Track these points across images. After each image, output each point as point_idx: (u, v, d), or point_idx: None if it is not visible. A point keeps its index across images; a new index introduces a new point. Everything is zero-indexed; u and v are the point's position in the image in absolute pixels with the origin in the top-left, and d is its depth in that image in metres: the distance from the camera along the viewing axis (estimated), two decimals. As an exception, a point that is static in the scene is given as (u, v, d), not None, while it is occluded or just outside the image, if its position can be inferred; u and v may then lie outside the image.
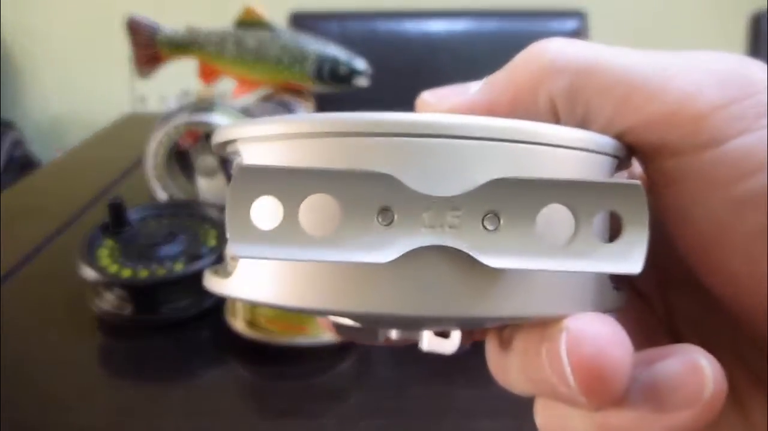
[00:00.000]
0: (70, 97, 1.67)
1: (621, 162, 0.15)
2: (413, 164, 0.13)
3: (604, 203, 0.13)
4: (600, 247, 0.13)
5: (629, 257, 0.13)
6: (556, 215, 0.13)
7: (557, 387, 0.13)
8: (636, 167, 0.17)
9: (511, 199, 0.12)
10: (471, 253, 0.12)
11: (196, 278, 0.17)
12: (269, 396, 0.40)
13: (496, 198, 0.12)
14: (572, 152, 0.14)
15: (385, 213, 0.12)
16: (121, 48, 0.69)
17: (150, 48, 0.65)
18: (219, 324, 0.43)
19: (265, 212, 0.12)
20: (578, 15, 1.17)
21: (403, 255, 0.12)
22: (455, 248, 0.12)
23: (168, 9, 1.09)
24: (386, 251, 0.12)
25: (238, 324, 0.42)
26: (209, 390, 0.40)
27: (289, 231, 0.12)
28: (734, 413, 0.16)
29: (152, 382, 0.41)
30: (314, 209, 0.12)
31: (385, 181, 0.12)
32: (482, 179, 0.12)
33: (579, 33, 1.13)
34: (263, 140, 0.14)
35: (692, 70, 0.14)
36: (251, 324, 0.42)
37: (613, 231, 0.14)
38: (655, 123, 0.14)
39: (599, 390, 0.13)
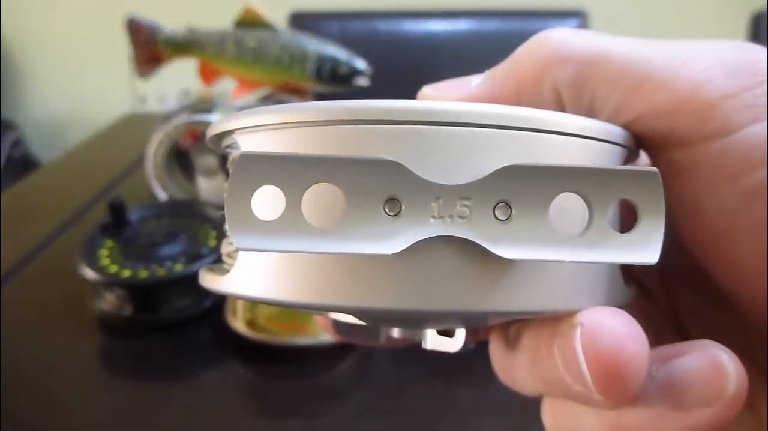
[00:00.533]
0: (70, 97, 1.67)
1: (630, 153, 0.15)
2: (421, 152, 0.12)
3: (619, 191, 0.12)
4: (615, 237, 0.12)
5: (646, 247, 0.12)
6: (569, 205, 0.12)
7: (571, 386, 0.13)
8: (643, 159, 0.17)
9: (522, 187, 0.12)
10: (482, 243, 0.12)
11: (196, 278, 0.16)
12: (269, 396, 0.40)
13: (508, 187, 0.12)
14: (584, 141, 0.13)
15: (392, 203, 0.12)
16: (121, 48, 0.69)
17: (150, 48, 0.65)
18: (219, 324, 0.43)
19: (267, 202, 0.12)
20: (578, 15, 1.16)
21: (409, 247, 0.12)
22: (464, 239, 0.12)
23: (168, 9, 1.09)
24: (393, 242, 0.12)
25: (238, 324, 0.42)
26: (209, 390, 0.40)
27: (291, 222, 0.12)
28: (743, 413, 0.16)
29: (152, 382, 0.41)
30: (318, 198, 0.12)
31: (393, 169, 0.12)
32: (492, 167, 0.12)
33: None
34: (263, 130, 0.13)
35: (701, 59, 0.14)
36: (251, 323, 0.42)
37: (625, 221, 0.14)
38: (663, 112, 0.14)
39: (617, 387, 0.12)
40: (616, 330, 0.12)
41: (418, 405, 0.38)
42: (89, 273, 0.43)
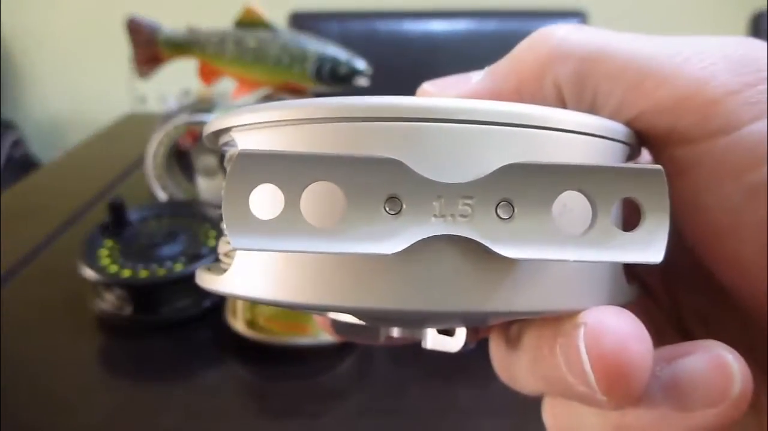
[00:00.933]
0: (70, 97, 1.67)
1: (632, 150, 0.15)
2: (422, 150, 0.12)
3: (623, 190, 0.12)
4: (619, 236, 0.12)
5: (650, 246, 0.12)
6: (572, 203, 0.12)
7: (574, 386, 0.13)
8: (644, 156, 0.17)
9: (525, 186, 0.12)
10: (484, 243, 0.12)
11: (196, 277, 0.16)
12: (269, 396, 0.40)
13: (510, 185, 0.12)
14: (586, 138, 0.13)
15: (393, 202, 0.12)
16: (121, 48, 0.69)
17: (150, 48, 0.65)
18: (219, 324, 0.43)
19: (265, 201, 0.12)
20: (578, 15, 1.16)
21: (410, 246, 0.12)
22: (466, 239, 0.12)
23: (168, 9, 1.09)
24: (394, 242, 0.12)
25: (238, 324, 0.42)
26: (209, 390, 0.40)
27: (290, 221, 0.11)
28: (747, 413, 0.15)
29: (152, 382, 0.41)
30: (317, 197, 0.12)
31: (394, 167, 0.11)
32: (494, 165, 0.12)
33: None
34: (261, 128, 0.13)
35: (704, 55, 0.14)
36: (251, 324, 0.42)
37: (628, 219, 0.14)
38: (666, 109, 0.14)
39: (620, 387, 0.12)
40: (620, 329, 0.12)
41: (418, 405, 0.38)
42: (89, 273, 0.43)
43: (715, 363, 0.13)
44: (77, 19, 1.59)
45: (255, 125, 0.13)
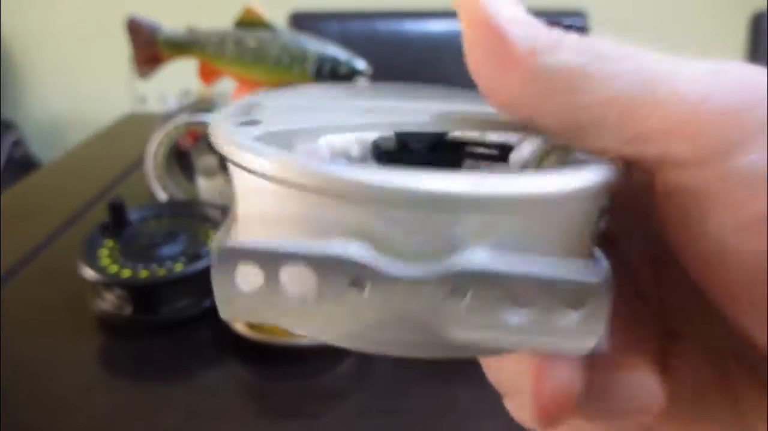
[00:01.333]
0: (70, 97, 1.67)
1: (620, 174, 0.15)
2: (386, 231, 0.13)
3: (567, 303, 0.13)
4: (559, 330, 0.14)
5: (581, 339, 0.14)
6: (519, 300, 0.14)
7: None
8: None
9: (478, 286, 0.13)
10: (434, 325, 0.13)
11: (196, 278, 0.16)
12: (269, 396, 0.40)
13: (464, 283, 0.13)
14: (556, 201, 0.13)
15: (358, 283, 0.13)
16: (121, 48, 0.69)
17: (150, 48, 0.65)
18: (219, 324, 0.43)
19: (248, 277, 0.13)
20: (578, 15, 1.17)
21: (378, 313, 0.13)
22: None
23: (168, 9, 1.09)
24: (356, 320, 0.13)
25: (238, 324, 0.42)
26: (209, 390, 0.40)
27: (269, 295, 0.13)
28: (729, 412, 0.15)
29: (152, 382, 0.41)
30: (293, 275, 0.13)
31: (355, 265, 0.13)
32: (458, 245, 0.13)
33: (579, 33, 1.13)
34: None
35: (700, 79, 0.14)
36: (251, 324, 0.42)
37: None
38: (659, 133, 0.14)
39: (550, 422, 0.14)
40: (559, 374, 0.14)
41: (418, 405, 0.38)
42: (89, 273, 0.44)
43: (636, 377, 0.15)
44: (77, 19, 1.59)
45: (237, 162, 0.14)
